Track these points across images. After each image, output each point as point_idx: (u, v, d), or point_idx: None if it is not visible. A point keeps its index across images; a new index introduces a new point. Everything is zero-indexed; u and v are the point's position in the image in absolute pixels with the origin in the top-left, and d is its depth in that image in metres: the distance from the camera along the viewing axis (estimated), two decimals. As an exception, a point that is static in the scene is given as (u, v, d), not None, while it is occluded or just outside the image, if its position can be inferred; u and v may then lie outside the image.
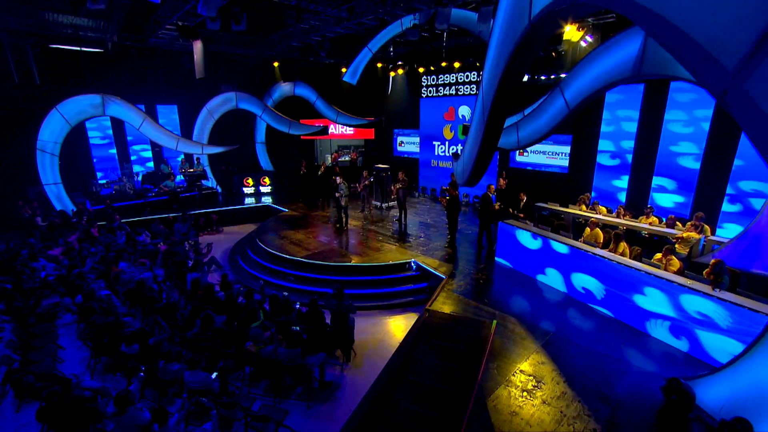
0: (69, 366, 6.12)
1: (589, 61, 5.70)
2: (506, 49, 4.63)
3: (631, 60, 4.64)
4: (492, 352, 5.54)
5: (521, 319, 6.40)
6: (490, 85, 5.25)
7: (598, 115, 10.09)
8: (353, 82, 14.80)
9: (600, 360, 5.25)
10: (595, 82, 5.77)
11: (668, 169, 9.05)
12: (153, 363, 4.91)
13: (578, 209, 9.15)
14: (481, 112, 5.84)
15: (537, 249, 7.76)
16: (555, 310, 6.74)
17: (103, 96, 12.14)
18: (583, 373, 4.99)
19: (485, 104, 5.46)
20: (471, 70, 13.91)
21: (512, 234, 8.32)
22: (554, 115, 6.50)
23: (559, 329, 6.05)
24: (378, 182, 13.37)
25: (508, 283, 7.84)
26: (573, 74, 6.15)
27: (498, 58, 5.03)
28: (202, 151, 14.13)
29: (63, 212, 11.96)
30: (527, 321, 6.33)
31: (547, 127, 6.60)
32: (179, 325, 5.89)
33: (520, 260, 8.23)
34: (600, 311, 6.53)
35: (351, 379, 5.94)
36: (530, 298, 7.23)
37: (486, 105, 5.44)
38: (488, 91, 5.39)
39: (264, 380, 5.63)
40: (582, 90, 5.96)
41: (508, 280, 7.98)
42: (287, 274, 8.87)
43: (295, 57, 16.44)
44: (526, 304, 7.02)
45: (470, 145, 6.49)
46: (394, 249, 9.58)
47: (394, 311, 8.07)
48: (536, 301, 7.12)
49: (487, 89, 5.55)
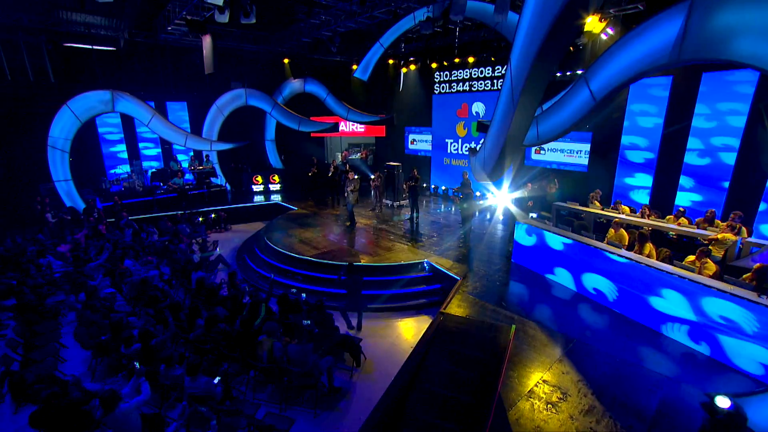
0: (71, 366, 5.94)
1: (619, 48, 5.28)
2: (542, 25, 4.22)
3: (669, 44, 4.24)
4: (511, 359, 5.19)
5: (541, 323, 6.03)
6: (521, 71, 4.82)
7: (621, 109, 9.61)
8: (364, 78, 14.50)
9: (629, 370, 4.86)
10: (626, 71, 5.35)
11: (696, 167, 8.55)
12: (154, 366, 4.68)
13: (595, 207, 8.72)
14: (509, 101, 5.39)
15: (556, 250, 7.36)
16: (577, 315, 6.34)
17: (112, 92, 12.06)
18: (612, 384, 4.61)
19: (514, 92, 5.04)
20: (485, 66, 13.49)
21: (530, 234, 7.93)
22: (578, 108, 6.09)
23: (583, 335, 5.66)
24: (389, 180, 13.05)
25: (526, 286, 7.46)
26: (600, 63, 5.73)
27: (532, 36, 4.59)
28: (211, 148, 13.98)
29: (73, 209, 11.91)
30: (548, 326, 5.95)
31: (570, 121, 6.19)
32: (182, 325, 5.65)
33: (538, 261, 7.84)
34: (625, 316, 6.12)
35: (361, 385, 5.65)
36: (550, 301, 6.84)
37: (516, 92, 5.01)
38: (518, 77, 4.96)
39: (270, 384, 5.37)
40: (610, 80, 5.54)
41: (525, 282, 7.60)
42: (296, 274, 8.62)
43: (305, 53, 16.23)
44: (546, 308, 6.63)
45: (494, 137, 6.05)
46: (405, 249, 9.26)
47: (406, 313, 7.76)
48: (557, 304, 6.73)
49: (516, 75, 5.11)
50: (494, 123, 5.91)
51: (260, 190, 15.52)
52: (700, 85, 8.13)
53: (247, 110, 15.69)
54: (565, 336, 5.63)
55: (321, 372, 5.23)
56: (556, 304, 6.73)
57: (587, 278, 6.80)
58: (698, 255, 5.67)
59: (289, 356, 5.12)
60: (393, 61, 16.51)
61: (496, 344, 5.55)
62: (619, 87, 5.69)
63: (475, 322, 6.17)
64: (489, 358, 5.26)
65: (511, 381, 4.78)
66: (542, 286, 7.33)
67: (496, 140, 5.70)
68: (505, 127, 5.21)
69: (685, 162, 8.66)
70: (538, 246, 7.77)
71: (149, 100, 13.37)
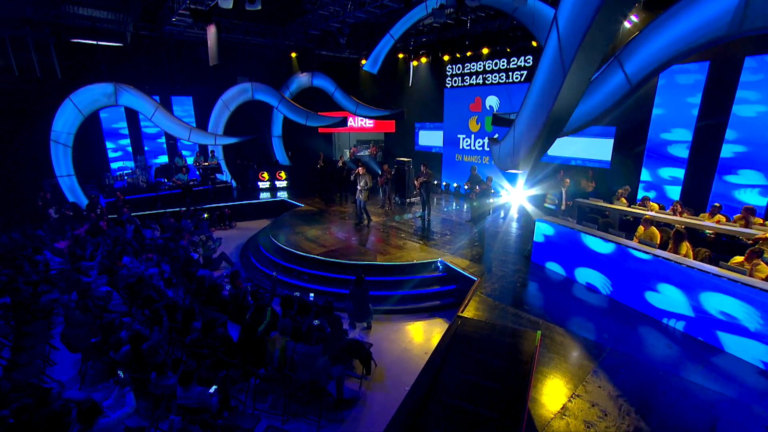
0: (60, 370, 5.55)
1: (661, 24, 4.72)
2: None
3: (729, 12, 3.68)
4: (538, 369, 4.67)
5: (569, 329, 5.49)
6: (577, 24, 4.02)
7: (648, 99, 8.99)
8: (374, 71, 14.02)
9: (676, 385, 4.30)
10: (669, 50, 4.78)
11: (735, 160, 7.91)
12: (145, 372, 4.25)
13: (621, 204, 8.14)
14: (555, 69, 4.60)
15: (581, 249, 6.81)
16: (609, 320, 5.78)
17: (115, 85, 11.75)
18: (658, 401, 4.06)
19: (564, 55, 4.21)
20: (500, 57, 12.93)
21: (551, 232, 7.39)
22: (611, 93, 5.53)
23: (617, 343, 5.11)
24: (399, 176, 12.55)
25: (549, 288, 6.91)
26: (636, 43, 5.18)
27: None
28: (215, 142, 13.61)
29: (75, 204, 11.62)
30: (576, 332, 5.41)
31: (602, 107, 5.63)
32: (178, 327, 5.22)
33: (561, 262, 7.28)
34: (663, 322, 5.55)
35: (371, 395, 5.17)
36: (577, 305, 6.29)
37: (566, 55, 4.16)
38: (572, 34, 4.05)
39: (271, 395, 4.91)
40: (649, 60, 4.98)
41: (548, 283, 7.05)
42: (301, 273, 8.17)
43: (313, 47, 15.81)
44: (573, 312, 6.08)
45: (530, 117, 5.25)
46: (417, 247, 8.76)
47: (418, 316, 7.27)
48: (585, 308, 6.18)
49: (569, 32, 4.24)
50: (531, 100, 5.13)
51: (266, 187, 15.14)
52: (742, 70, 7.48)
53: (253, 106, 15.31)
54: (598, 344, 5.09)
55: (330, 377, 4.77)
56: (585, 309, 6.17)
57: (619, 281, 6.23)
58: (748, 256, 5.08)
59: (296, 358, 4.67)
60: (403, 55, 16.02)
61: (520, 352, 5.02)
62: (658, 68, 5.14)
63: (497, 326, 5.64)
64: (514, 368, 4.73)
65: (541, 395, 4.27)
66: (567, 289, 6.78)
67: (534, 120, 5.00)
68: (547, 103, 4.57)
69: (722, 155, 8.01)
70: (561, 245, 7.21)
71: (154, 95, 13.04)
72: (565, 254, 7.16)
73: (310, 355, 4.53)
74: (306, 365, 4.59)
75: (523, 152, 5.28)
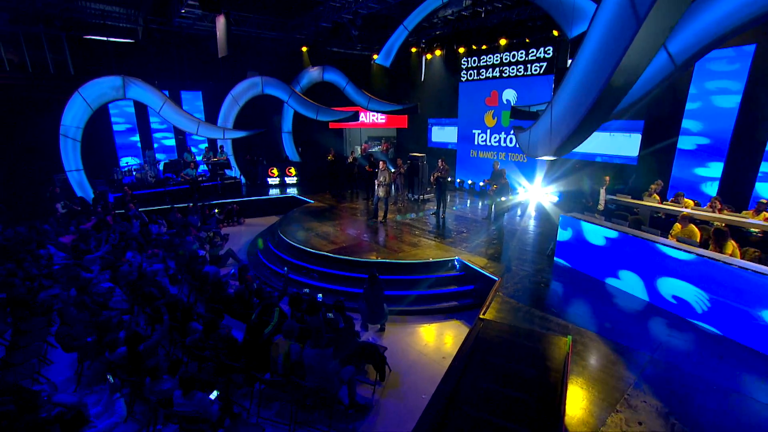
0: (57, 369, 5.26)
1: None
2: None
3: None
4: (572, 379, 4.20)
5: (602, 334, 5.00)
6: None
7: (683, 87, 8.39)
8: (387, 64, 13.60)
9: (732, 400, 3.80)
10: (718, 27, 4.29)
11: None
12: (141, 376, 3.90)
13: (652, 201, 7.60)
14: (625, 19, 3.83)
15: (609, 247, 6.30)
16: (643, 324, 5.28)
17: (123, 78, 11.56)
18: (715, 420, 3.57)
19: (638, 1, 3.59)
20: (518, 49, 12.39)
21: (577, 230, 6.88)
22: (652, 75, 5.01)
23: (658, 351, 4.61)
24: (413, 172, 12.11)
25: (576, 289, 6.41)
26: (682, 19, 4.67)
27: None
28: (224, 136, 13.35)
29: (83, 199, 11.47)
30: (611, 337, 4.92)
31: (642, 91, 5.11)
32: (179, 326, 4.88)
33: (587, 261, 6.77)
34: (706, 329, 5.02)
35: (386, 403, 4.76)
36: (610, 308, 5.78)
37: (642, 1, 3.54)
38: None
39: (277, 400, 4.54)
40: (698, 37, 4.46)
41: (574, 284, 6.55)
42: (311, 270, 7.80)
43: (324, 42, 15.48)
44: (603, 315, 5.58)
45: (575, 90, 4.62)
46: (433, 245, 8.32)
47: (434, 317, 6.83)
48: (618, 312, 5.67)
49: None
50: (580, 66, 4.29)
51: (276, 183, 14.84)
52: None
53: (263, 101, 15.04)
54: (637, 352, 4.59)
55: (342, 381, 4.37)
56: (617, 311, 5.67)
57: (654, 282, 5.71)
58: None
59: (304, 363, 4.29)
60: (416, 49, 15.59)
61: (550, 359, 4.57)
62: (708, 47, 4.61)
63: (522, 330, 5.19)
64: (544, 377, 4.28)
65: (576, 408, 3.80)
66: (596, 290, 6.28)
67: (583, 92, 4.32)
68: (607, 65, 3.88)
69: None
70: (588, 243, 6.71)
71: (164, 90, 12.85)
72: (593, 253, 6.65)
73: (320, 358, 4.14)
74: (315, 370, 4.20)
75: (564, 135, 4.64)
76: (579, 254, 6.92)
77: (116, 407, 3.19)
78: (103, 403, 3.28)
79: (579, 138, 4.89)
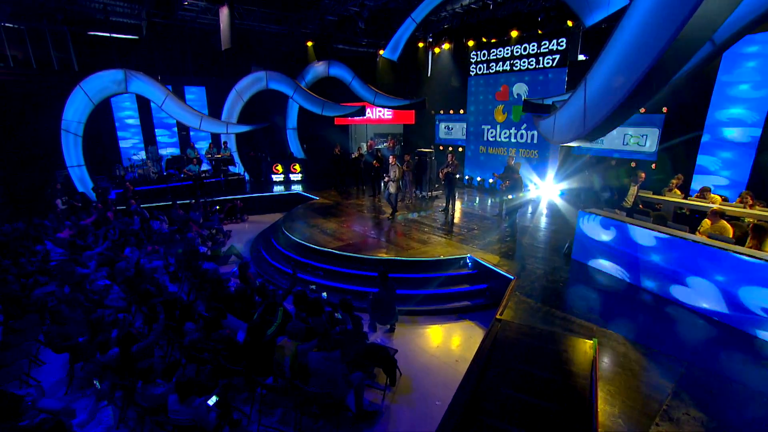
0: (49, 370, 4.98)
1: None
2: None
3: None
4: (601, 386, 3.84)
5: (629, 337, 4.63)
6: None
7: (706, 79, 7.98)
8: (394, 57, 13.26)
9: (782, 411, 3.43)
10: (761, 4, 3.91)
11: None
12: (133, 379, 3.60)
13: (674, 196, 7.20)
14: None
15: (633, 245, 5.91)
16: (674, 326, 4.91)
17: (125, 71, 11.32)
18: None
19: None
20: (529, 42, 12.00)
21: (596, 226, 6.50)
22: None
23: (695, 356, 4.23)
24: (421, 168, 11.75)
25: (597, 288, 6.03)
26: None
27: None
28: (227, 130, 13.08)
29: (84, 195, 11.25)
30: (640, 340, 4.55)
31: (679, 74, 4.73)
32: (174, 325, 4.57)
33: (609, 258, 6.39)
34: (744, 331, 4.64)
35: (397, 409, 4.42)
36: (632, 307, 5.42)
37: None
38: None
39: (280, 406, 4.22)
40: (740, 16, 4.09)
41: (594, 283, 6.17)
42: (316, 268, 7.48)
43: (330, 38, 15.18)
44: (629, 316, 5.21)
45: (624, 57, 4.12)
46: (442, 242, 7.98)
47: (445, 318, 6.48)
48: (642, 311, 5.30)
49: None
50: (632, 26, 3.73)
51: (280, 180, 14.55)
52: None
53: (268, 98, 14.76)
54: (672, 358, 4.22)
55: (350, 386, 4.05)
56: (644, 312, 5.29)
57: (682, 281, 5.33)
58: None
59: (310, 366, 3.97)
60: (423, 44, 15.23)
61: (575, 363, 4.21)
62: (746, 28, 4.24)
63: (543, 332, 4.83)
64: (570, 383, 3.93)
65: (610, 420, 3.44)
66: (619, 289, 5.90)
67: (636, 58, 3.69)
68: (675, 19, 3.30)
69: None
70: (610, 241, 6.33)
71: (167, 85, 12.60)
72: (614, 250, 6.27)
73: (327, 362, 3.81)
74: (321, 374, 3.88)
75: (601, 116, 4.10)
76: (599, 252, 6.54)
77: (103, 415, 2.90)
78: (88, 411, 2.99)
79: (617, 120, 4.43)
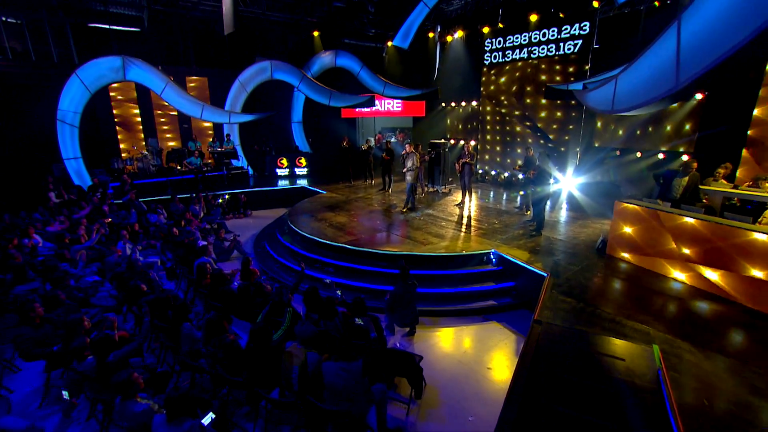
0: (23, 378, 4.37)
1: None
2: None
3: None
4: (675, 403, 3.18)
5: (695, 342, 3.96)
6: None
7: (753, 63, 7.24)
8: (405, 45, 12.65)
9: None
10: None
11: None
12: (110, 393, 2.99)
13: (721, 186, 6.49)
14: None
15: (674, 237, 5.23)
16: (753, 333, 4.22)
17: (123, 58, 10.75)
18: None
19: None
20: (549, 27, 11.29)
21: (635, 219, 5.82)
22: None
23: (780, 367, 3.56)
24: (435, 161, 11.08)
25: (640, 286, 5.35)
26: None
27: None
28: (230, 120, 12.48)
29: (80, 188, 10.71)
30: (712, 349, 3.88)
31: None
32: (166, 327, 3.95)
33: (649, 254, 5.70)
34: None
35: (424, 427, 3.78)
36: (687, 308, 4.74)
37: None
38: None
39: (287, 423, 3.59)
40: None
41: (637, 281, 5.49)
42: (324, 264, 6.86)
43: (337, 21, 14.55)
44: (685, 318, 4.54)
45: (661, 73, 3.85)
46: (462, 236, 7.33)
47: (469, 319, 5.83)
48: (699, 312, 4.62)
49: None
50: (670, 49, 3.48)
51: (285, 174, 13.94)
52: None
53: (272, 90, 14.15)
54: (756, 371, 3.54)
55: (371, 401, 3.41)
56: (701, 313, 4.62)
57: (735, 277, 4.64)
58: None
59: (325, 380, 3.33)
60: (433, 34, 14.53)
61: (638, 375, 3.54)
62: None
63: (593, 337, 4.16)
64: (635, 399, 3.26)
65: (696, 447, 2.78)
66: (668, 288, 5.22)
67: (669, 78, 3.29)
68: (711, 55, 2.91)
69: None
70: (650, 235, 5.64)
71: (169, 75, 12.05)
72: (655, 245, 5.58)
73: (345, 374, 3.18)
74: (337, 388, 3.24)
75: (625, 108, 3.58)
76: (638, 247, 5.86)
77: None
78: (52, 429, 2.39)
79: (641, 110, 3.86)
